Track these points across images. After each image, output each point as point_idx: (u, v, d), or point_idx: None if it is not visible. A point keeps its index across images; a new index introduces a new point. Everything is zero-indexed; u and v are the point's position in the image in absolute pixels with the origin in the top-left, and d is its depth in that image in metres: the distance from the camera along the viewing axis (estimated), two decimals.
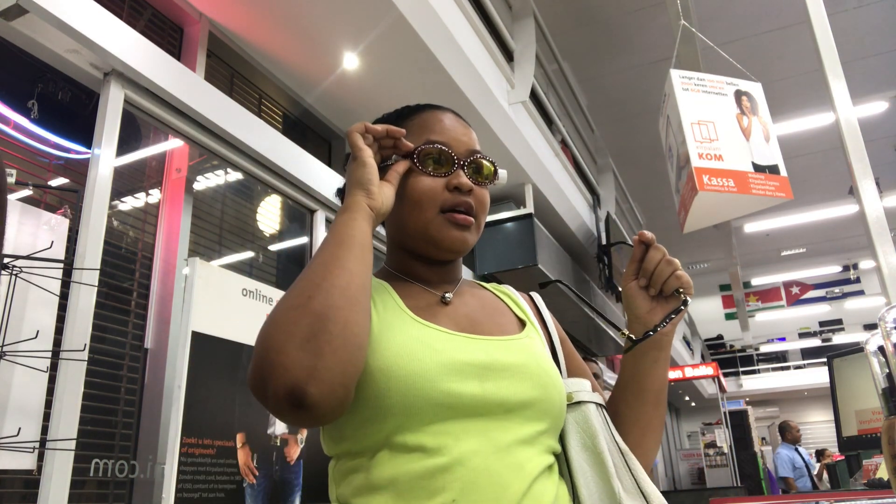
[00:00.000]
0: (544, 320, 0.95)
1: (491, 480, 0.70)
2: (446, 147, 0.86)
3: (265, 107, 3.62)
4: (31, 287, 1.77)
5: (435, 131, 0.88)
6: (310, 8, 2.99)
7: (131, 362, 2.43)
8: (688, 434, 16.51)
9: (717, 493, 7.85)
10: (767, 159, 3.37)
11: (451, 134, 0.88)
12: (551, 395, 0.79)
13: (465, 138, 0.89)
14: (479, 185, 0.87)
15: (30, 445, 1.70)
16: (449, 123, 0.89)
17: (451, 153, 0.86)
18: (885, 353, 1.05)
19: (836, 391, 2.79)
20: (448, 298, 0.87)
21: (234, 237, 3.13)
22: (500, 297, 0.95)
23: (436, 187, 0.84)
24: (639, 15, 6.40)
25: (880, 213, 2.33)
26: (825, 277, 16.23)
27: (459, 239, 0.85)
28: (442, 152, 0.85)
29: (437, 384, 0.72)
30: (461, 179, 0.84)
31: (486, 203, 0.89)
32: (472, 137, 0.91)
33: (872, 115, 7.78)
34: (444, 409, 0.72)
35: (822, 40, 2.62)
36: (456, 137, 0.88)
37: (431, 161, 0.85)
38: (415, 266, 0.90)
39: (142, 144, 2.71)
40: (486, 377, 0.75)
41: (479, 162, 0.88)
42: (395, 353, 0.73)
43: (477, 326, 0.83)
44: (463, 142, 0.88)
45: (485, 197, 0.88)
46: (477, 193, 0.86)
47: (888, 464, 1.01)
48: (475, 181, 0.86)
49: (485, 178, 0.88)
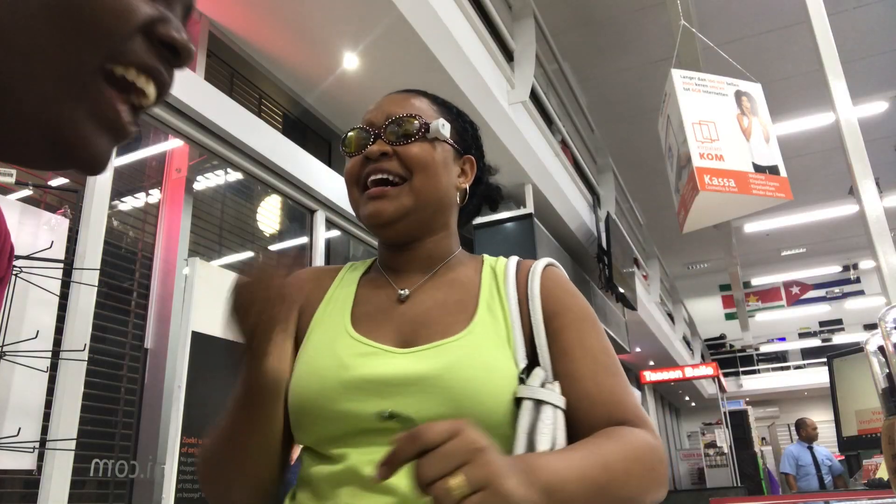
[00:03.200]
0: (529, 313, 0.80)
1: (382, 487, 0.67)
2: (362, 125, 0.84)
3: (265, 107, 3.62)
4: (31, 287, 1.77)
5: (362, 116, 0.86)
6: (310, 8, 2.99)
7: (131, 362, 2.43)
8: (688, 434, 16.51)
9: (717, 493, 7.85)
10: (767, 160, 3.37)
11: (375, 112, 0.84)
12: (465, 408, 0.69)
13: (388, 108, 0.84)
14: (400, 145, 0.81)
15: (30, 445, 1.70)
16: (376, 103, 0.86)
17: (364, 128, 0.83)
18: (885, 353, 1.05)
19: (836, 391, 2.79)
20: (403, 296, 0.82)
21: (234, 237, 3.13)
22: (482, 280, 0.84)
23: (354, 166, 0.83)
24: (639, 15, 6.40)
25: (880, 213, 2.33)
26: (825, 277, 16.23)
27: (372, 212, 0.80)
28: (356, 131, 0.83)
29: (336, 404, 0.72)
30: (369, 148, 0.81)
31: (417, 159, 0.81)
32: (400, 103, 0.84)
33: (872, 115, 7.78)
34: (344, 426, 0.72)
35: (822, 40, 2.62)
36: (380, 111, 0.84)
37: (351, 144, 0.83)
38: (384, 255, 0.88)
39: (142, 144, 2.71)
40: (388, 394, 0.71)
41: (396, 122, 0.82)
42: (306, 371, 0.76)
43: (418, 331, 0.77)
44: (384, 111, 0.83)
45: (410, 154, 0.81)
46: (400, 153, 0.81)
47: (888, 464, 1.02)
48: (397, 143, 0.81)
49: (407, 135, 0.81)
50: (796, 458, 6.59)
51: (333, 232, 3.58)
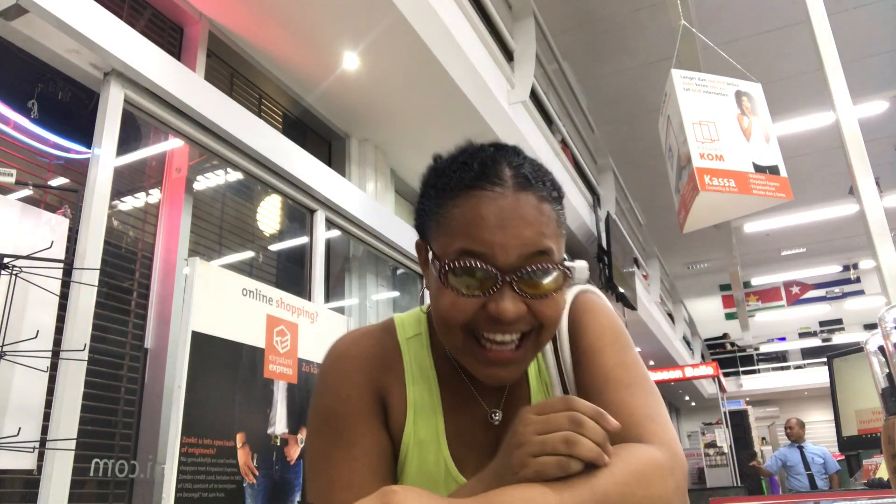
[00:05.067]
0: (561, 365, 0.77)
1: None
2: (484, 261, 0.65)
3: (265, 107, 3.61)
4: (31, 287, 1.77)
5: (473, 233, 0.65)
6: (310, 8, 2.99)
7: (131, 362, 2.43)
8: (688, 434, 16.49)
9: (717, 493, 7.85)
10: (768, 160, 3.37)
11: (497, 237, 0.65)
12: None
13: (516, 240, 0.65)
14: (536, 299, 0.66)
15: (30, 445, 1.70)
16: (495, 220, 0.65)
17: (489, 269, 0.65)
18: (885, 353, 1.04)
19: (836, 391, 2.79)
20: (497, 419, 0.73)
21: (234, 237, 3.13)
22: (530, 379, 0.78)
23: (467, 309, 0.66)
24: (639, 15, 6.40)
25: (880, 213, 2.33)
26: (825, 277, 16.23)
27: (493, 377, 0.69)
28: (478, 270, 0.65)
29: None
30: (502, 305, 0.65)
31: (550, 312, 0.68)
32: (535, 227, 0.66)
33: (872, 115, 7.78)
34: None
35: (822, 40, 2.62)
36: (503, 242, 0.65)
37: (463, 274, 0.66)
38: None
39: (142, 144, 2.71)
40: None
41: (533, 273, 0.66)
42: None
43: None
44: (513, 245, 0.65)
45: (544, 308, 0.67)
46: (535, 308, 0.67)
47: (888, 464, 1.01)
48: (529, 295, 0.66)
49: (546, 289, 0.67)
50: (784, 459, 6.61)
51: (333, 232, 3.58)
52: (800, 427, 6.63)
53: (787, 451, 6.67)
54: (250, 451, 2.21)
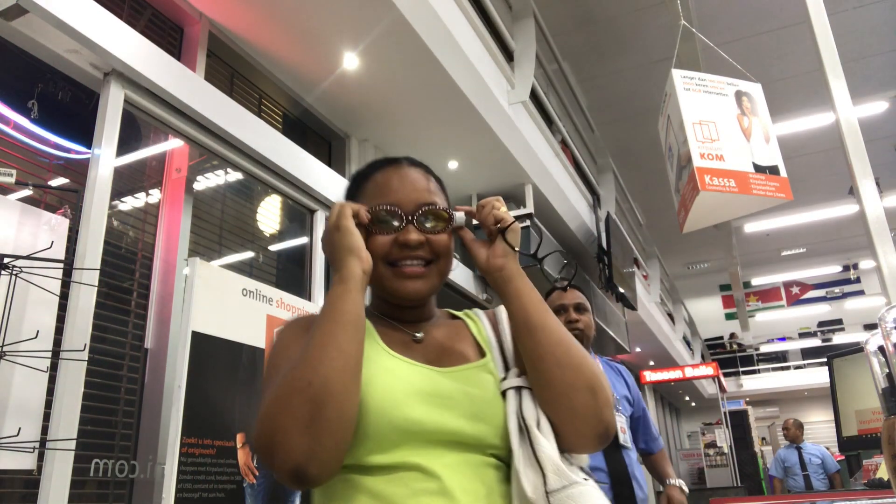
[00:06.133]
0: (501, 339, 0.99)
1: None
2: (394, 206, 0.93)
3: (265, 107, 3.62)
4: (31, 287, 1.77)
5: (384, 192, 0.95)
6: (310, 8, 2.99)
7: (131, 362, 2.43)
8: (688, 434, 16.51)
9: (717, 493, 7.86)
10: (768, 160, 3.37)
11: (400, 193, 0.95)
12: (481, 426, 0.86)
13: (414, 194, 0.95)
14: (433, 234, 0.94)
15: (30, 445, 1.70)
16: (397, 182, 0.96)
17: (397, 211, 0.93)
18: (885, 353, 1.05)
19: (836, 391, 2.79)
20: (419, 338, 0.96)
21: (234, 237, 3.13)
22: (468, 324, 1.02)
23: (385, 243, 0.93)
24: (639, 15, 6.40)
25: (880, 213, 2.32)
26: (825, 277, 16.23)
27: (411, 291, 0.93)
28: (389, 212, 0.93)
29: (403, 410, 0.82)
30: (407, 236, 0.92)
31: (444, 247, 0.95)
32: (425, 188, 0.96)
33: (872, 115, 7.78)
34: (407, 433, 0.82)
35: (822, 40, 2.61)
36: (405, 194, 0.95)
37: (381, 222, 0.93)
38: (390, 309, 0.99)
39: (142, 144, 2.71)
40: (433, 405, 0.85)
41: (428, 213, 0.94)
42: (366, 382, 0.83)
43: (444, 357, 0.93)
44: (412, 197, 0.94)
45: (440, 243, 0.94)
46: (432, 241, 0.94)
47: (888, 464, 1.02)
48: (428, 231, 0.93)
49: (437, 227, 0.94)
50: (783, 461, 6.62)
51: None
52: (796, 428, 6.64)
53: (785, 452, 6.69)
54: (250, 451, 2.21)
